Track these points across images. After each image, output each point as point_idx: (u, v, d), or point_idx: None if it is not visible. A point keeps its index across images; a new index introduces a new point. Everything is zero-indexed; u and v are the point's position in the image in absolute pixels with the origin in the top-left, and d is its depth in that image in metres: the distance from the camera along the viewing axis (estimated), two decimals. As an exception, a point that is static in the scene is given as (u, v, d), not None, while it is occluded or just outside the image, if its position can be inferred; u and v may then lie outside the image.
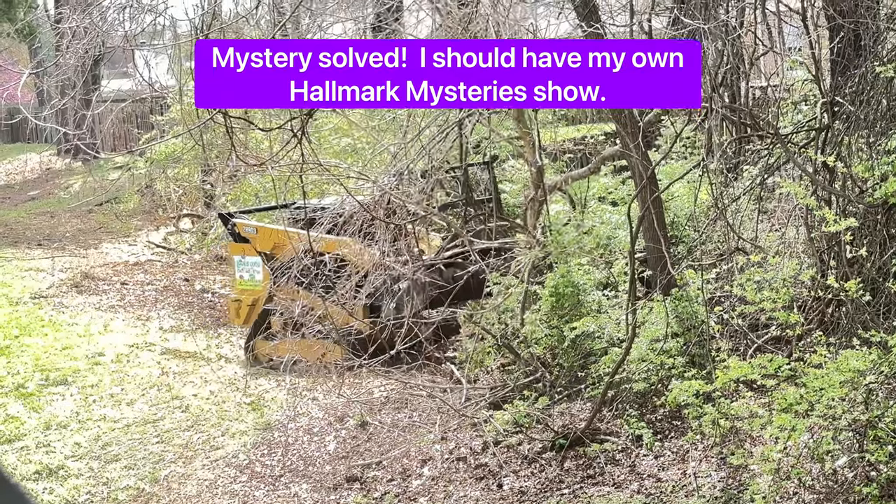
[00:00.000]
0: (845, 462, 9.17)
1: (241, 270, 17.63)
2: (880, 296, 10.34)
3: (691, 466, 10.61)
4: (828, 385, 8.59)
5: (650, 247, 13.02)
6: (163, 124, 29.34)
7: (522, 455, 11.81)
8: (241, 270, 17.65)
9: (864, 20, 11.48)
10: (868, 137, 11.09)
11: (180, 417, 14.82)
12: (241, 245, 17.45)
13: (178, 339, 18.78)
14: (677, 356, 11.42)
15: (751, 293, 10.82)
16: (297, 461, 13.04)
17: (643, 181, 12.62)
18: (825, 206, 11.25)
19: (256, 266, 17.22)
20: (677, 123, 15.21)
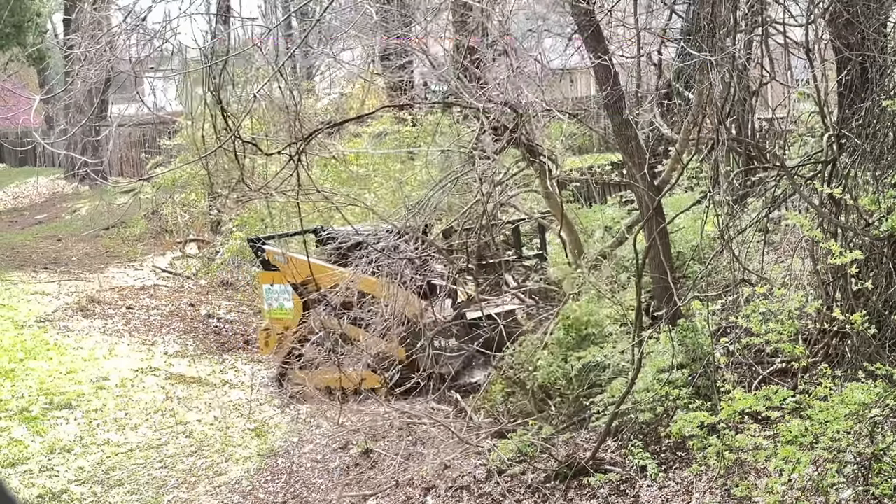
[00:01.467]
0: (850, 495, 9.15)
1: (270, 299, 17.56)
2: (886, 328, 10.34)
3: (695, 498, 10.59)
4: (833, 418, 8.59)
5: (656, 277, 13.03)
6: (170, 149, 29.41)
7: (526, 484, 11.78)
8: (270, 299, 17.58)
9: (872, 53, 11.50)
10: (874, 170, 11.11)
11: (184, 443, 14.81)
12: (270, 273, 17.37)
13: (182, 365, 18.79)
14: (683, 387, 11.41)
15: (756, 325, 10.81)
16: (300, 488, 13.03)
17: (649, 212, 12.64)
18: (831, 238, 11.26)
19: (286, 294, 17.14)
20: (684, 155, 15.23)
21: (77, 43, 14.30)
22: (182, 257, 27.82)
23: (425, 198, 15.30)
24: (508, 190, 16.16)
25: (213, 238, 27.41)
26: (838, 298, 11.34)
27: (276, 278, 17.11)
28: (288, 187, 13.12)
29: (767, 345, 11.20)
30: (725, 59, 11.69)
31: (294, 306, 16.91)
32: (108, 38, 13.62)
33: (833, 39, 12.47)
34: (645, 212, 13.00)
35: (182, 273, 26.62)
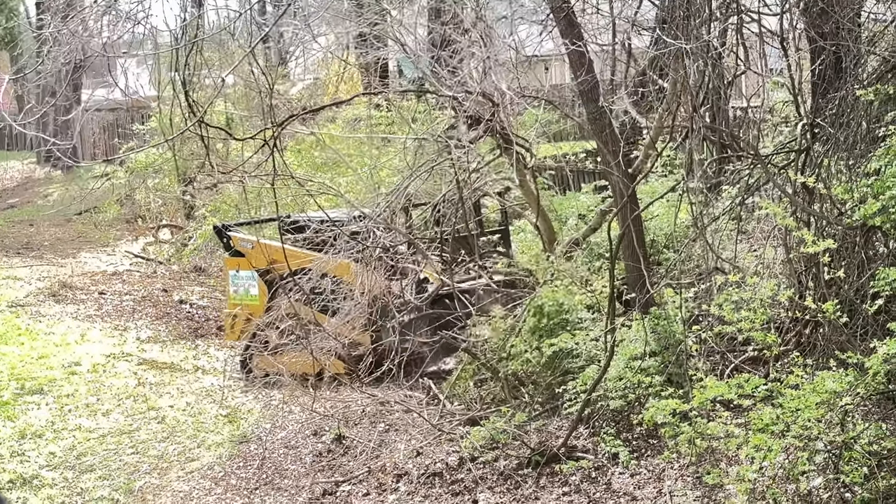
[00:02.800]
0: (820, 483, 9.19)
1: (236, 285, 17.51)
2: (857, 317, 10.37)
3: (667, 485, 10.62)
4: (804, 406, 8.61)
5: (629, 265, 13.05)
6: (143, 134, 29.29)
7: (498, 471, 11.80)
8: (235, 285, 17.53)
9: (846, 43, 11.52)
10: (847, 160, 11.13)
11: (156, 428, 14.77)
12: (236, 259, 17.30)
13: (155, 350, 18.74)
14: (655, 375, 11.43)
15: (729, 313, 10.84)
16: (272, 474, 13.02)
17: (623, 200, 12.65)
18: (804, 227, 11.28)
19: (251, 280, 17.10)
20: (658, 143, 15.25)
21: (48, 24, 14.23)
22: (155, 243, 27.72)
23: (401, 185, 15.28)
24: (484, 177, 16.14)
25: (186, 223, 27.32)
26: (811, 287, 11.38)
27: (242, 264, 17.06)
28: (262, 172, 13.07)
29: (739, 333, 11.22)
30: (700, 48, 11.70)
31: (259, 292, 16.88)
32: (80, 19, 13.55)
33: (807, 29, 12.48)
34: (619, 199, 13.02)
35: (155, 258, 26.53)
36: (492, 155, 16.04)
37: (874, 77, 11.22)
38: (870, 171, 10.06)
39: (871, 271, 10.33)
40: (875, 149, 10.39)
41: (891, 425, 9.53)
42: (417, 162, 15.64)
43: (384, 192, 16.27)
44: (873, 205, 9.28)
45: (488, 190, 17.02)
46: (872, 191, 9.59)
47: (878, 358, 8.37)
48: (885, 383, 8.95)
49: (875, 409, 9.89)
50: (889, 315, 10.10)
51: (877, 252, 11.03)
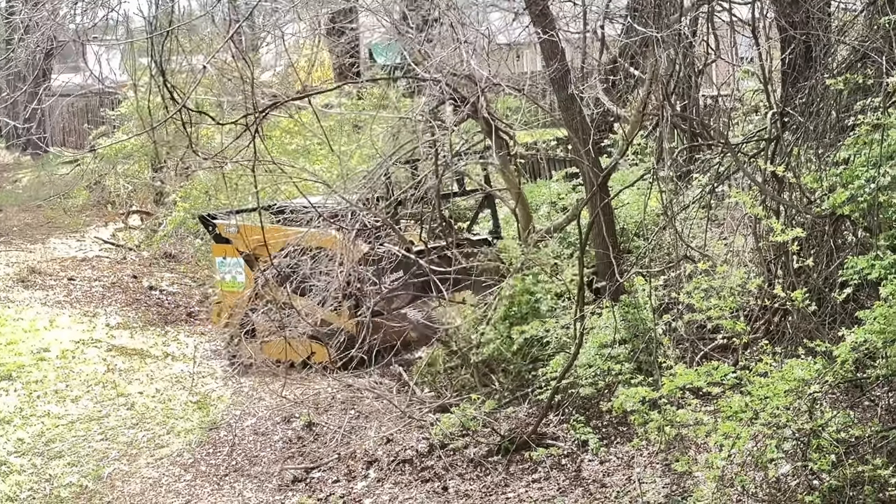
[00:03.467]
0: (789, 470, 9.24)
1: (223, 272, 17.48)
2: (826, 306, 10.43)
3: (636, 472, 10.66)
4: (773, 394, 8.65)
5: (599, 253, 13.08)
6: (113, 120, 29.15)
7: (468, 458, 11.82)
8: (222, 272, 17.51)
9: (816, 32, 11.57)
10: (817, 149, 11.18)
11: (125, 415, 14.72)
12: (222, 246, 17.27)
13: (124, 336, 18.66)
14: (624, 362, 11.46)
15: (698, 301, 10.88)
16: (242, 461, 13.00)
17: (593, 188, 12.67)
18: (773, 215, 11.34)
19: (238, 267, 17.06)
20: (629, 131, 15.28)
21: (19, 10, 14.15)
22: (125, 229, 27.59)
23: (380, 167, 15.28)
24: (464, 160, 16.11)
25: (157, 210, 27.19)
26: (780, 275, 11.43)
27: (229, 251, 17.03)
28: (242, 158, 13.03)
29: (709, 321, 11.26)
30: (671, 37, 11.73)
31: (246, 279, 16.86)
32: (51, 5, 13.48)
33: (778, 18, 12.54)
34: (589, 187, 13.03)
35: (124, 244, 26.40)
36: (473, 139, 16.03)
37: (844, 66, 11.26)
38: (839, 160, 10.12)
39: (840, 260, 10.39)
40: (844, 138, 10.45)
41: (858, 413, 9.60)
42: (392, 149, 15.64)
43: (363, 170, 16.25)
44: (842, 194, 9.34)
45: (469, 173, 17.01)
46: (841, 180, 9.65)
47: (846, 346, 8.42)
48: (853, 371, 9.00)
49: (843, 396, 9.95)
50: (857, 303, 10.17)
51: (845, 241, 11.09)
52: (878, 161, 9.06)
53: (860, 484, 8.48)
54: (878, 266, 8.48)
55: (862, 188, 9.31)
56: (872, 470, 8.32)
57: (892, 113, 9.45)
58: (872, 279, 8.77)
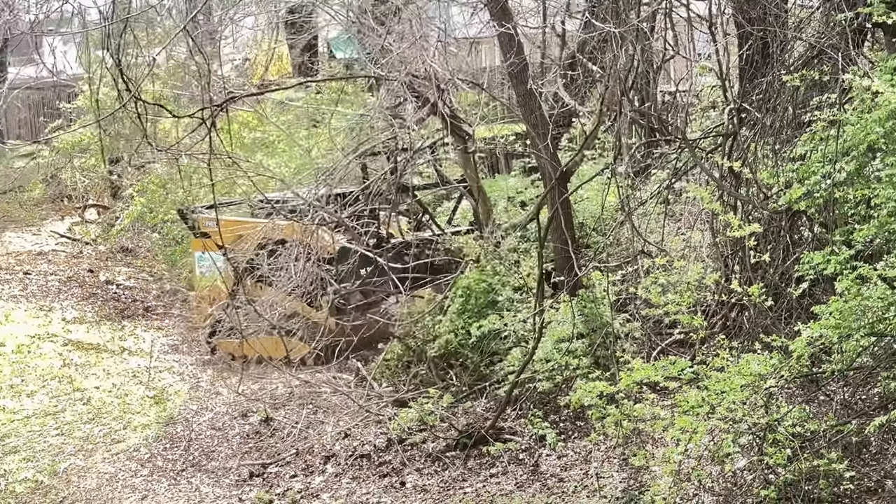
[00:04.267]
0: (745, 465, 9.29)
1: (202, 266, 17.40)
2: (782, 301, 10.48)
3: (593, 467, 10.68)
4: (729, 388, 8.69)
5: (558, 248, 13.09)
6: (70, 113, 28.96)
7: (426, 453, 11.82)
8: (201, 266, 17.43)
9: (773, 28, 11.62)
10: (774, 144, 11.24)
11: (81, 410, 14.64)
12: (201, 241, 17.19)
13: (80, 331, 18.55)
14: (582, 357, 11.50)
15: (656, 296, 10.92)
16: (199, 456, 12.95)
17: (552, 183, 12.68)
18: (731, 211, 11.38)
19: (217, 262, 16.98)
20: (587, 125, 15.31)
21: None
22: (81, 223, 27.41)
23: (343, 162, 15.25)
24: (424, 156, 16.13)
25: (113, 204, 27.04)
26: (737, 271, 11.48)
27: (208, 245, 16.95)
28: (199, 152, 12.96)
29: (666, 316, 11.30)
30: (629, 32, 11.76)
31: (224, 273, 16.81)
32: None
33: (735, 14, 12.58)
34: (548, 182, 13.05)
35: (81, 238, 26.22)
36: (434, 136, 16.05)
37: (800, 62, 11.32)
38: (795, 155, 10.16)
39: (796, 255, 10.45)
40: (800, 134, 10.49)
41: (814, 408, 9.65)
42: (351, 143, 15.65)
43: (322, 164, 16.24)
44: (798, 189, 9.38)
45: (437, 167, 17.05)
46: (798, 175, 9.68)
47: (801, 341, 8.46)
48: (808, 366, 9.06)
49: (799, 391, 10.00)
50: (813, 298, 10.22)
51: (802, 236, 11.16)
52: (833, 157, 9.10)
53: (815, 478, 8.53)
54: (834, 261, 8.52)
55: (818, 184, 9.35)
56: (828, 464, 8.37)
57: (847, 109, 9.49)
58: (828, 274, 8.81)
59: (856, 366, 9.30)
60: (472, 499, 10.73)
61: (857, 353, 9.03)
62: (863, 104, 8.97)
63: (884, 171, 8.32)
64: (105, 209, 27.39)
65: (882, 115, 8.15)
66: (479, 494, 10.80)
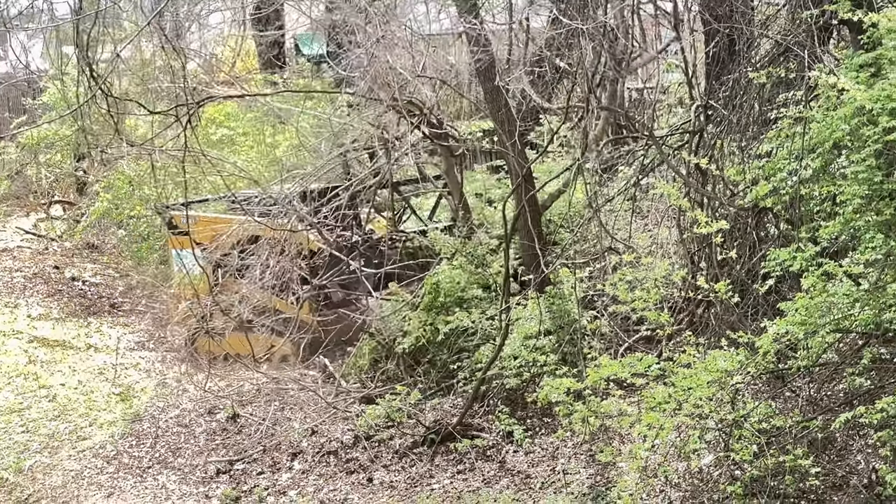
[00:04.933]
0: (711, 461, 9.33)
1: (179, 264, 17.33)
2: (748, 297, 10.52)
3: (561, 463, 10.70)
4: (696, 385, 8.72)
5: (525, 245, 13.10)
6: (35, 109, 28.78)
7: (394, 450, 11.82)
8: (178, 264, 17.36)
9: (739, 26, 11.66)
10: (740, 141, 11.27)
11: (47, 407, 14.57)
12: (179, 238, 17.12)
13: (46, 328, 18.44)
14: (549, 353, 11.51)
15: (623, 293, 10.94)
16: (165, 453, 12.91)
17: (518, 180, 12.69)
18: (697, 208, 11.41)
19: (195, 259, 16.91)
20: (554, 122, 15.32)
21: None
22: (47, 219, 27.24)
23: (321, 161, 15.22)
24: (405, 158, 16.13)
25: (79, 200, 26.89)
26: (703, 267, 11.52)
27: (185, 243, 16.87)
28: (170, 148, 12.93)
29: (633, 312, 11.34)
30: (597, 29, 11.77)
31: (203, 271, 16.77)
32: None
33: (702, 11, 12.61)
34: (515, 179, 13.05)
35: (46, 235, 26.07)
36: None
37: (766, 60, 11.36)
38: (761, 152, 10.20)
39: (763, 252, 10.49)
40: (767, 131, 10.53)
41: (780, 404, 9.70)
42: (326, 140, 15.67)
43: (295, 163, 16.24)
44: (765, 186, 9.42)
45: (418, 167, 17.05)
46: (764, 172, 9.72)
47: (768, 337, 8.50)
48: (774, 362, 9.11)
49: (765, 387, 10.05)
50: (779, 295, 10.26)
51: (768, 233, 11.20)
52: (800, 154, 9.14)
53: (781, 474, 8.57)
54: (800, 258, 8.56)
55: (784, 181, 9.39)
56: (793, 460, 8.41)
57: (813, 106, 9.53)
58: (794, 271, 8.85)
59: (821, 362, 9.36)
60: (439, 495, 10.74)
61: (822, 350, 9.09)
62: (828, 101, 9.00)
63: (849, 169, 8.35)
64: (71, 205, 27.23)
65: (847, 112, 8.18)
66: (446, 491, 10.81)
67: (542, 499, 10.22)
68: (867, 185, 8.13)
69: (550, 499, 10.13)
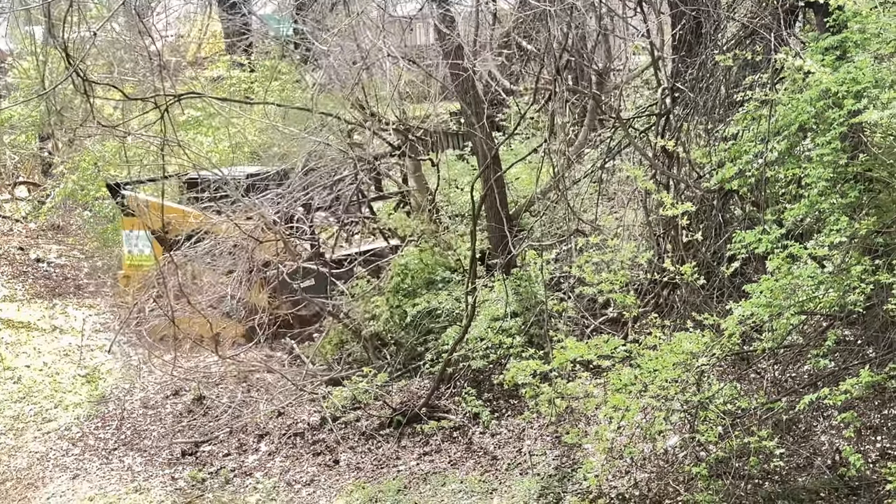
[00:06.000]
0: (676, 442, 9.37)
1: (130, 245, 17.29)
2: (714, 279, 10.55)
3: (527, 444, 10.73)
4: (661, 366, 8.75)
5: (492, 226, 13.10)
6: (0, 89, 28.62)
7: (360, 431, 11.82)
8: (129, 245, 17.32)
9: (706, 9, 11.67)
10: (706, 124, 11.30)
11: (12, 389, 14.52)
12: (130, 220, 17.09)
13: (11, 310, 18.38)
14: (516, 335, 11.52)
15: (589, 275, 10.97)
16: (131, 435, 12.88)
17: (486, 161, 12.68)
18: (664, 190, 11.44)
19: (145, 241, 16.89)
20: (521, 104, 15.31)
21: None
22: (11, 200, 27.13)
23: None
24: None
25: (44, 181, 26.77)
26: (669, 249, 11.54)
27: (136, 224, 16.84)
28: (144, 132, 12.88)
29: (600, 294, 11.37)
30: (564, 10, 11.76)
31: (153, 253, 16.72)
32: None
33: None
34: (482, 161, 13.05)
35: (11, 216, 25.97)
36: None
37: (733, 42, 11.38)
38: (728, 135, 10.23)
39: (728, 234, 10.53)
40: (733, 114, 10.55)
41: (745, 385, 9.75)
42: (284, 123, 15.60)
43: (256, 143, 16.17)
44: (730, 169, 9.44)
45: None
46: (729, 155, 9.75)
47: (733, 319, 8.53)
48: (739, 344, 9.14)
49: (730, 369, 10.10)
50: (744, 277, 10.32)
51: (733, 215, 11.24)
52: (765, 136, 9.17)
53: (746, 455, 8.62)
54: (765, 240, 8.59)
55: (750, 163, 9.41)
56: (758, 441, 8.45)
57: (779, 89, 9.57)
58: (759, 253, 8.88)
59: (786, 344, 9.40)
60: (405, 476, 10.75)
61: (787, 332, 9.14)
62: (794, 84, 9.04)
63: (814, 151, 8.39)
64: (36, 186, 27.12)
65: (813, 94, 8.22)
66: (412, 472, 10.82)
67: (508, 480, 10.24)
68: (832, 167, 8.18)
69: (517, 480, 10.15)
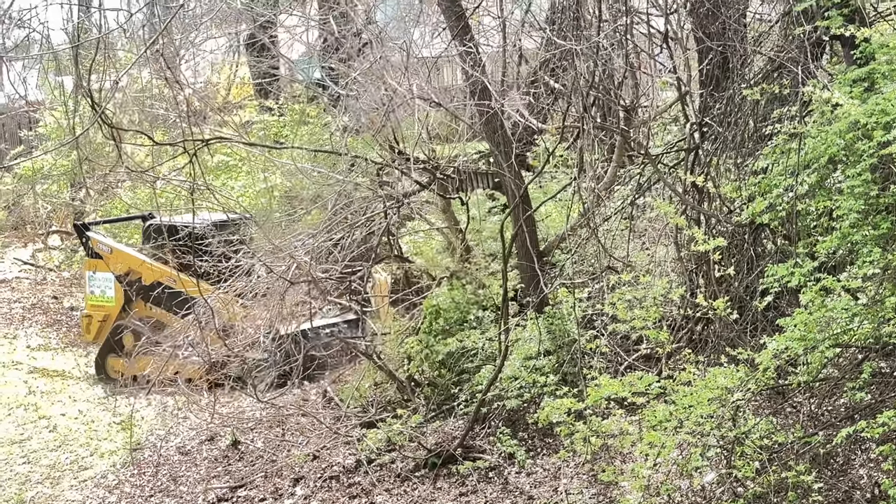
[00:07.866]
0: (713, 478, 9.30)
1: (93, 286, 17.49)
2: (747, 314, 10.51)
3: (563, 483, 10.68)
4: (696, 402, 8.71)
5: (523, 265, 13.10)
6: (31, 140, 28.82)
7: (395, 473, 11.80)
8: (92, 286, 17.52)
9: (732, 43, 11.68)
10: (736, 158, 11.29)
11: (48, 437, 14.56)
12: (94, 261, 17.36)
13: (46, 358, 18.46)
14: (550, 374, 11.50)
15: (622, 312, 10.94)
16: (167, 481, 12.89)
17: (516, 200, 12.70)
18: (695, 225, 11.42)
19: (108, 282, 17.07)
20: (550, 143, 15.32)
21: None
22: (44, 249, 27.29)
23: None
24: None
25: (77, 230, 26.91)
26: (701, 284, 11.52)
27: (100, 265, 17.09)
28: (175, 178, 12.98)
29: (633, 331, 11.34)
30: (591, 49, 11.79)
31: (116, 295, 16.94)
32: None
33: (695, 29, 12.64)
34: (512, 200, 13.06)
35: (44, 265, 26.12)
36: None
37: (760, 76, 11.39)
38: (757, 169, 10.22)
39: (760, 268, 10.49)
40: (762, 147, 10.55)
41: (781, 420, 9.68)
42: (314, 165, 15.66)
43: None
44: (761, 203, 9.42)
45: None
46: (760, 189, 9.73)
47: (767, 353, 8.49)
48: (774, 378, 9.09)
49: (765, 403, 10.04)
50: (777, 311, 10.27)
51: (765, 249, 11.20)
52: (795, 170, 9.16)
53: (784, 490, 8.55)
54: (798, 274, 8.56)
55: (780, 197, 9.40)
56: (796, 476, 8.39)
57: (808, 122, 9.56)
58: (792, 287, 8.85)
59: (821, 377, 9.34)
60: (442, 518, 10.74)
61: (822, 365, 9.08)
62: (823, 116, 9.03)
63: (845, 183, 8.36)
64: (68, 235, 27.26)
65: (842, 127, 8.20)
66: (449, 514, 10.80)
67: (545, 519, 10.21)
68: (863, 199, 8.15)
69: (553, 519, 10.12)
